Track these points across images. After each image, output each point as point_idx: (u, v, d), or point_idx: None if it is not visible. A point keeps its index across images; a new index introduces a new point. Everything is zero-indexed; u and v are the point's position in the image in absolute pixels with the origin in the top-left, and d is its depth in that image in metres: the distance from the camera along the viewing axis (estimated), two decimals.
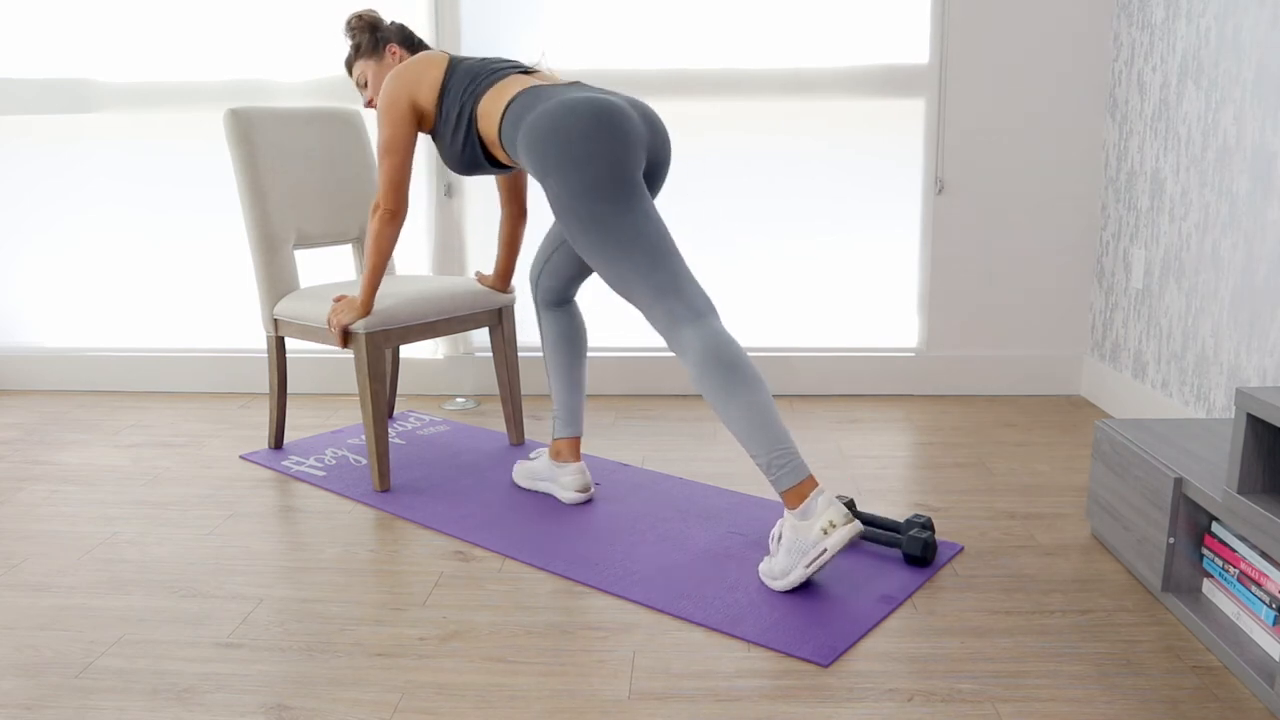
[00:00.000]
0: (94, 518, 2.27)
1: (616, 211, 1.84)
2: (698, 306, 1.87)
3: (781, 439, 1.80)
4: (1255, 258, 2.26)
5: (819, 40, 3.09)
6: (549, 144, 1.87)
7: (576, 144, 1.84)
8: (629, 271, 1.86)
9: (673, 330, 1.86)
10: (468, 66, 2.15)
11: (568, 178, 1.84)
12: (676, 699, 1.51)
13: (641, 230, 1.85)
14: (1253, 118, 2.26)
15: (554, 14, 3.12)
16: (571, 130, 1.85)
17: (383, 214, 2.21)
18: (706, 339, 1.83)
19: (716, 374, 1.81)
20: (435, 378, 3.34)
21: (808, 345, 3.29)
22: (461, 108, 2.10)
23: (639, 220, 1.86)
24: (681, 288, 1.87)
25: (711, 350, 1.82)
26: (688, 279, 1.88)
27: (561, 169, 1.85)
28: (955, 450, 2.69)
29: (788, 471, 1.79)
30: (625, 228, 1.85)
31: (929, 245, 3.18)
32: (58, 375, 3.46)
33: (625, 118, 1.89)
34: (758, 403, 1.80)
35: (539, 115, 1.91)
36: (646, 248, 1.85)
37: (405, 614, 1.79)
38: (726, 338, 1.84)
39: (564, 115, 1.87)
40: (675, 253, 1.89)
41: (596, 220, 1.85)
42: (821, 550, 1.76)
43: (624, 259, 1.85)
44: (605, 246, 1.86)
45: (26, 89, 3.30)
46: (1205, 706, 1.47)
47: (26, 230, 3.41)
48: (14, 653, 1.67)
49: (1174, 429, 1.99)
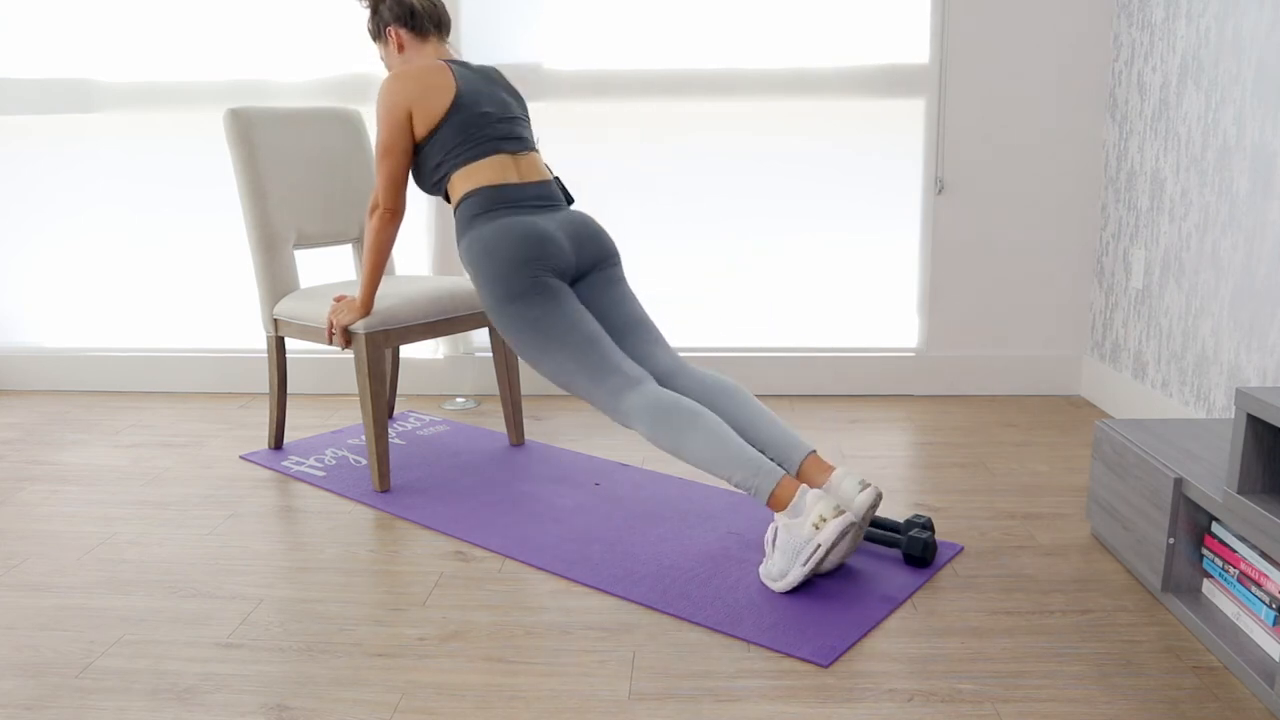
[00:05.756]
0: (94, 518, 2.27)
1: (543, 312, 2.02)
2: (634, 375, 2.00)
3: (746, 453, 1.85)
4: (1255, 258, 2.26)
5: (819, 40, 3.09)
6: (481, 264, 2.06)
7: (502, 265, 2.04)
8: (565, 361, 2.01)
9: (616, 403, 1.97)
10: (465, 120, 2.15)
11: (496, 291, 2.04)
12: (676, 699, 1.51)
13: (568, 324, 2.02)
14: (1253, 118, 2.26)
15: (554, 14, 3.12)
16: (497, 253, 2.04)
17: (382, 213, 2.21)
18: (648, 397, 1.95)
19: (666, 421, 1.90)
20: (435, 378, 3.34)
21: (808, 345, 3.29)
22: (441, 163, 2.18)
23: (564, 317, 2.03)
24: (616, 364, 2.00)
25: (655, 403, 1.93)
26: (620, 357, 2.02)
27: (492, 284, 2.05)
28: (955, 450, 2.69)
29: (763, 479, 1.82)
30: (552, 324, 2.02)
31: (929, 245, 3.18)
32: (58, 375, 3.46)
33: (549, 240, 2.07)
34: (713, 430, 1.87)
35: (476, 235, 2.08)
36: (577, 339, 2.01)
37: (405, 614, 1.79)
38: (666, 391, 1.97)
39: (495, 241, 2.05)
40: (605, 339, 2.04)
41: (526, 322, 2.03)
42: (815, 546, 1.76)
43: (557, 350, 2.02)
44: (538, 343, 2.03)
45: (28, 89, 3.30)
46: (1205, 706, 1.47)
47: (27, 230, 3.41)
48: (14, 653, 1.67)
49: (1174, 429, 1.98)
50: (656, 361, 2.10)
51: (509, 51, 3.15)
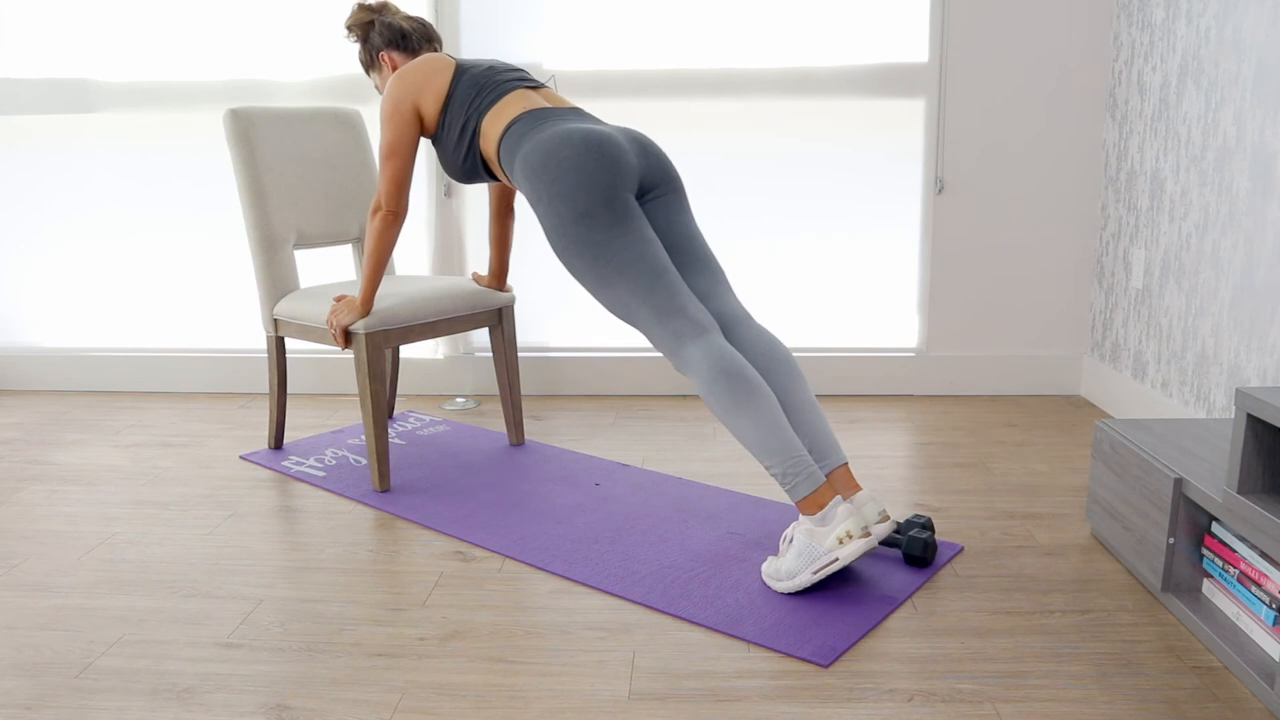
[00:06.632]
0: (94, 518, 2.27)
1: (609, 236, 1.86)
2: (701, 322, 1.87)
3: (794, 448, 1.79)
4: (1255, 258, 2.26)
5: (819, 40, 3.09)
6: (541, 175, 1.90)
7: (568, 174, 1.87)
8: (627, 295, 1.88)
9: (678, 349, 1.86)
10: (473, 76, 2.14)
11: (559, 208, 1.87)
12: (676, 699, 1.51)
13: (636, 253, 1.87)
14: (1253, 118, 2.26)
15: (554, 14, 3.12)
16: (563, 161, 1.88)
17: (384, 215, 2.21)
18: (712, 354, 1.83)
19: (725, 387, 1.81)
20: (435, 378, 3.34)
21: (808, 345, 3.29)
22: (466, 121, 2.11)
23: (633, 243, 1.87)
24: (683, 306, 1.87)
25: (718, 364, 1.82)
26: (688, 297, 1.89)
27: (554, 200, 1.88)
28: (955, 450, 2.69)
29: (803, 480, 1.78)
30: (618, 250, 1.86)
31: (929, 245, 3.18)
32: (58, 375, 3.46)
33: (614, 145, 1.91)
34: (767, 414, 1.80)
35: (533, 146, 1.93)
36: (643, 269, 1.86)
37: (405, 614, 1.79)
38: (731, 351, 1.85)
39: (556, 146, 1.90)
40: (673, 272, 1.90)
41: (590, 246, 1.87)
42: (832, 560, 1.75)
43: (621, 283, 1.87)
44: (601, 271, 1.88)
45: (27, 89, 3.30)
46: (1205, 706, 1.47)
47: (26, 230, 3.41)
48: (14, 653, 1.67)
49: (1174, 429, 1.98)
50: (723, 304, 1.98)
51: (509, 51, 3.15)
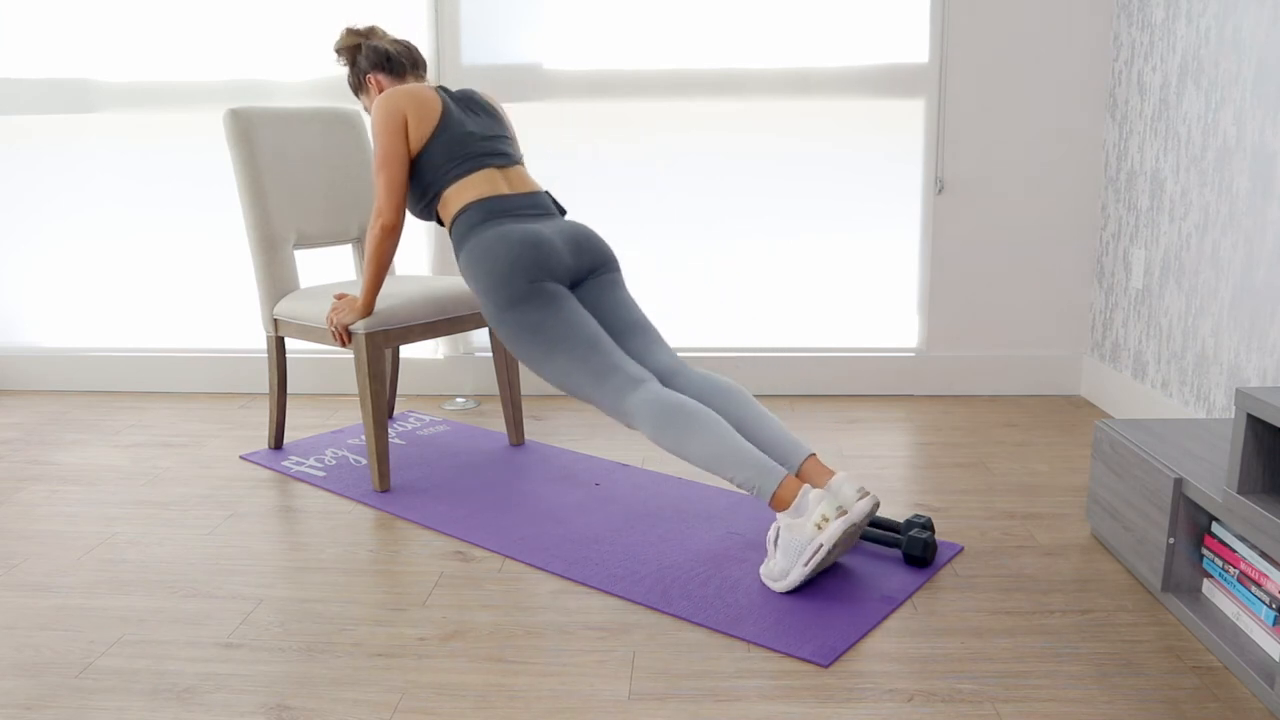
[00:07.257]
0: (94, 518, 2.27)
1: (542, 317, 2.02)
2: (637, 375, 1.99)
3: (748, 454, 1.85)
4: (1255, 258, 2.26)
5: (819, 40, 3.09)
6: (479, 267, 2.07)
7: (501, 267, 2.04)
8: (566, 363, 2.01)
9: (619, 403, 1.97)
10: (451, 137, 2.20)
11: (495, 297, 2.05)
12: (676, 699, 1.51)
13: (567, 327, 2.02)
14: (1253, 118, 2.26)
15: (553, 14, 3.12)
16: (498, 258, 2.05)
17: (382, 227, 2.22)
18: (650, 397, 1.94)
19: (669, 419, 1.90)
20: (435, 378, 3.34)
21: (808, 345, 3.29)
22: (431, 182, 2.21)
23: (563, 321, 2.02)
24: (618, 364, 2.00)
25: (658, 403, 1.92)
26: (621, 357, 2.02)
27: (492, 290, 2.05)
28: (955, 450, 2.69)
29: (765, 480, 1.82)
30: (552, 328, 2.02)
31: (929, 245, 3.18)
32: (58, 375, 3.46)
33: (547, 244, 2.08)
34: (715, 431, 1.87)
35: (477, 241, 2.10)
36: (577, 340, 2.01)
37: (405, 614, 1.79)
38: (670, 391, 1.96)
39: (494, 243, 2.07)
40: (606, 339, 2.03)
41: (525, 328, 2.03)
42: (818, 546, 1.76)
43: (559, 354, 2.01)
44: (540, 347, 2.02)
45: (27, 89, 3.30)
46: (1205, 706, 1.47)
47: (26, 230, 3.41)
48: (14, 653, 1.67)
49: (1174, 429, 1.98)
50: (657, 361, 2.10)
51: (509, 51, 3.15)
